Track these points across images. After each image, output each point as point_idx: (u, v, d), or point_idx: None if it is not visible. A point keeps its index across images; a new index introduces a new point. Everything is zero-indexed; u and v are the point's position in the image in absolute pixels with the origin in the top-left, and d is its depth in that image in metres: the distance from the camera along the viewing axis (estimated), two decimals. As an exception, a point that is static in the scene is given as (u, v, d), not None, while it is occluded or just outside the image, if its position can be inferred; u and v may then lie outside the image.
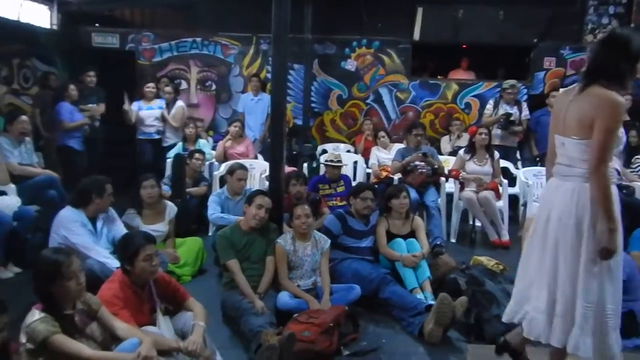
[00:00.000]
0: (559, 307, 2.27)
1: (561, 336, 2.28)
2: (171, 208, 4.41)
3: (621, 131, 2.27)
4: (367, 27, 8.09)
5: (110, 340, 2.48)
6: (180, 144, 6.34)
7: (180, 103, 6.90)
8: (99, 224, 3.82)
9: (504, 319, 2.53)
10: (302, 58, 8.06)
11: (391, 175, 5.84)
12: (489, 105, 6.65)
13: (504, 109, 6.49)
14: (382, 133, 6.89)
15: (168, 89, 6.90)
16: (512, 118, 6.37)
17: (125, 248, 2.76)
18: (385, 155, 6.47)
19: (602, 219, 2.18)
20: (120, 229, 3.89)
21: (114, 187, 3.88)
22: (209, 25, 8.05)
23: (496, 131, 6.33)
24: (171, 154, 6.04)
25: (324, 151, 7.18)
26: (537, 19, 7.43)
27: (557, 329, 2.28)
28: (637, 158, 5.85)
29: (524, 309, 2.43)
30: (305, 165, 6.60)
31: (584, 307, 2.22)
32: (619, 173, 5.71)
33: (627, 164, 6.04)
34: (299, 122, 8.23)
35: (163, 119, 6.67)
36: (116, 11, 8.37)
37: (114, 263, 3.38)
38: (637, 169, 5.77)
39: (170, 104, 6.79)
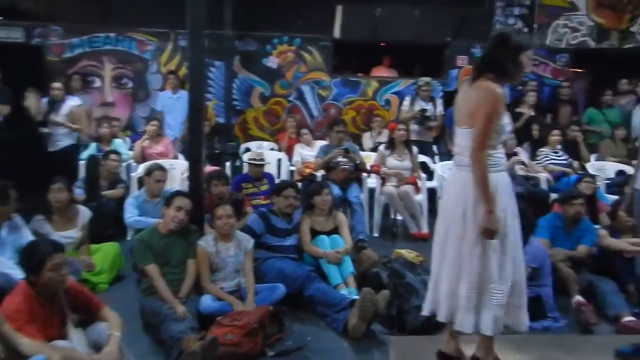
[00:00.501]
0: (444, 287, 2.46)
1: (447, 313, 2.46)
2: (84, 213, 4.17)
3: (506, 121, 2.44)
4: (288, 24, 8.04)
5: (16, 358, 2.29)
6: (94, 145, 6.01)
7: (72, 101, 6.22)
8: (3, 232, 3.55)
9: (424, 312, 2.61)
10: (222, 55, 7.90)
11: (314, 172, 5.85)
12: (406, 102, 6.83)
13: (420, 105, 6.67)
14: (304, 130, 6.89)
15: (57, 85, 6.17)
16: (427, 114, 6.55)
17: (30, 257, 2.57)
18: (308, 153, 6.47)
19: (482, 202, 2.33)
20: (27, 237, 3.62)
21: (21, 191, 3.60)
22: (123, 19, 7.70)
23: (413, 127, 6.48)
24: (85, 155, 5.71)
25: (247, 149, 7.08)
26: (450, 19, 7.70)
27: (444, 307, 2.46)
28: (542, 151, 6.22)
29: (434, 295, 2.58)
30: (228, 164, 6.47)
31: (468, 288, 2.39)
32: (525, 165, 6.07)
33: (532, 157, 6.43)
34: (221, 120, 8.06)
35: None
36: (20, 3, 7.80)
37: (19, 274, 3.13)
38: (542, 161, 6.13)
39: (57, 102, 6.09)
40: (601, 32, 8.21)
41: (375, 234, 5.64)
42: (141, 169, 5.49)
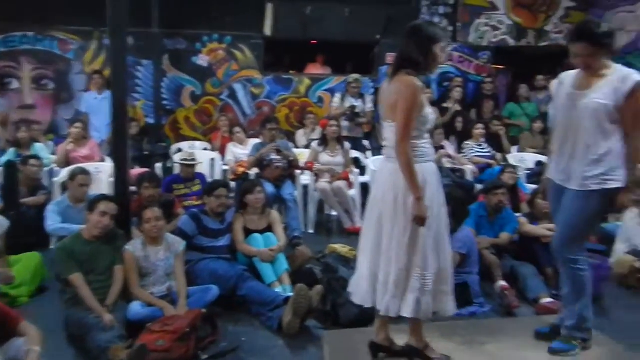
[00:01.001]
0: (381, 275, 2.49)
1: (382, 300, 2.50)
2: (0, 223, 3.91)
3: (430, 111, 2.50)
4: (218, 22, 7.91)
5: None
6: (12, 150, 5.66)
7: None
8: None
9: (360, 301, 2.64)
10: (150, 53, 7.65)
11: (248, 171, 5.79)
12: (336, 99, 6.89)
13: (349, 102, 6.74)
14: (237, 129, 6.80)
15: None
16: (357, 110, 6.62)
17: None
18: (241, 151, 6.39)
19: (410, 191, 2.40)
20: None
21: None
22: (42, 18, 7.28)
23: (344, 123, 6.54)
24: (2, 161, 5.36)
25: (179, 150, 6.90)
26: (379, 18, 7.80)
27: (380, 294, 2.50)
28: (467, 144, 6.45)
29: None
30: (158, 165, 6.28)
31: (396, 274, 2.44)
32: (451, 158, 6.27)
33: (458, 149, 6.66)
34: (151, 120, 7.82)
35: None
36: None
37: None
38: (467, 154, 6.35)
39: None
40: (519, 30, 8.61)
41: (311, 230, 5.65)
42: (64, 173, 5.22)
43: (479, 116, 7.58)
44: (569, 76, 2.80)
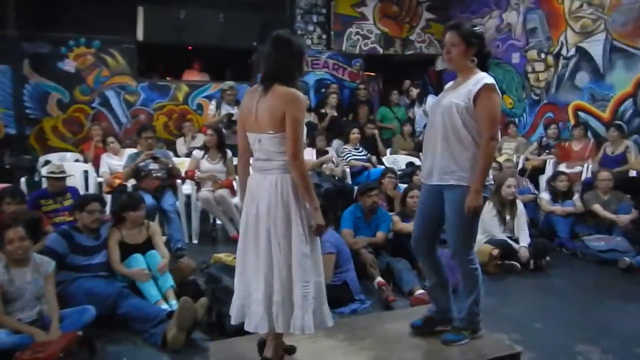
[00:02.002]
0: (278, 295, 2.38)
1: (285, 322, 2.39)
2: None
3: (306, 121, 2.53)
4: (85, 24, 7.43)
5: None
6: None
7: None
8: None
9: (233, 321, 2.56)
10: (7, 58, 6.99)
11: (125, 183, 5.52)
12: (212, 106, 6.85)
13: (225, 109, 6.72)
14: (111, 139, 6.45)
15: None
16: (233, 118, 6.57)
17: None
18: (117, 162, 6.07)
19: (307, 202, 2.37)
20: None
21: None
22: None
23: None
24: None
25: (47, 162, 6.37)
26: (254, 24, 7.87)
27: (280, 316, 2.38)
28: (344, 148, 6.71)
29: (246, 306, 2.50)
30: (23, 180, 5.76)
31: (302, 288, 2.37)
32: (334, 163, 6.48)
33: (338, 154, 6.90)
34: (12, 131, 7.16)
35: None
36: None
37: None
38: (345, 157, 6.61)
39: None
40: (387, 40, 9.16)
41: (195, 241, 5.54)
42: None
43: (355, 121, 7.94)
44: (449, 84, 2.93)
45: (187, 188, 5.75)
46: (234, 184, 5.70)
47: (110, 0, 7.41)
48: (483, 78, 2.66)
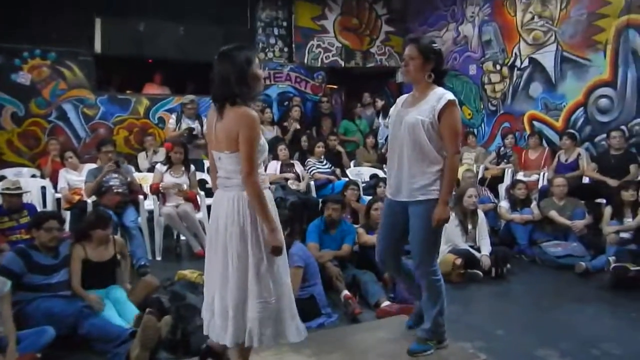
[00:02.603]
0: (231, 310, 2.37)
1: (234, 336, 2.37)
2: None
3: (264, 139, 2.44)
4: (40, 35, 7.25)
5: None
6: None
7: None
8: None
9: (205, 331, 2.55)
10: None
11: (85, 199, 5.39)
12: (172, 120, 6.77)
13: (186, 123, 6.66)
14: (69, 153, 6.25)
15: None
16: (194, 132, 6.54)
17: None
18: (75, 178, 5.91)
19: (264, 222, 2.35)
20: None
21: None
22: None
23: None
24: None
25: (2, 178, 6.15)
26: (215, 37, 7.86)
27: (230, 330, 2.37)
28: (309, 161, 6.72)
29: (211, 317, 2.49)
30: (-25, 197, 5.53)
31: (258, 305, 2.35)
32: (299, 178, 6.46)
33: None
34: (-38, 146, 6.90)
35: None
36: None
37: None
38: (310, 170, 6.62)
39: None
40: (348, 52, 9.27)
41: (158, 258, 5.45)
42: None
43: (319, 134, 7.97)
44: (402, 99, 3.03)
45: (149, 203, 5.66)
46: (198, 198, 5.66)
47: (66, 11, 7.25)
48: (444, 94, 2.75)
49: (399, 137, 2.82)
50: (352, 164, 7.57)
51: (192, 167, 5.80)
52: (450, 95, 2.74)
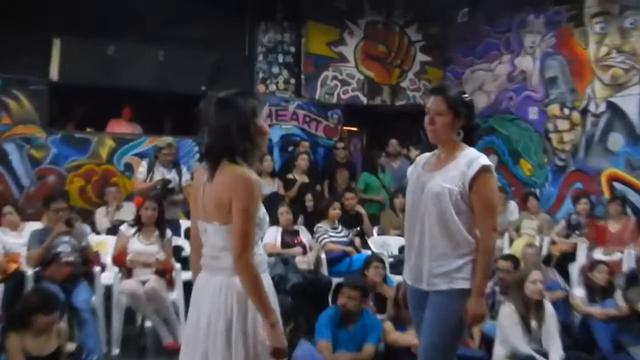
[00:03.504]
0: None
1: None
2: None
3: (264, 211, 2.46)
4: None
5: None
6: None
7: None
8: None
9: None
10: None
11: (25, 269, 5.30)
12: (142, 169, 6.71)
13: (160, 172, 6.62)
14: (7, 208, 6.18)
15: None
16: (170, 185, 6.51)
17: None
18: (13, 240, 5.84)
19: (261, 315, 2.34)
20: None
21: None
22: None
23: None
24: None
25: None
26: (203, 64, 7.97)
27: None
28: (319, 227, 6.62)
29: None
30: None
31: None
32: (305, 250, 6.32)
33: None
34: None
35: None
36: None
37: None
38: (321, 239, 6.50)
39: None
40: (372, 86, 9.40)
41: (116, 351, 5.31)
42: None
43: (332, 190, 7.91)
44: (423, 158, 3.09)
45: (107, 277, 5.57)
46: (173, 273, 5.56)
47: (17, 28, 7.38)
48: (477, 157, 2.83)
49: (420, 209, 2.88)
50: (375, 231, 7.49)
51: (169, 233, 5.73)
52: (484, 160, 2.82)
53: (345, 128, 9.40)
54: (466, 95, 2.95)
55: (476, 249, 2.81)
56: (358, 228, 7.06)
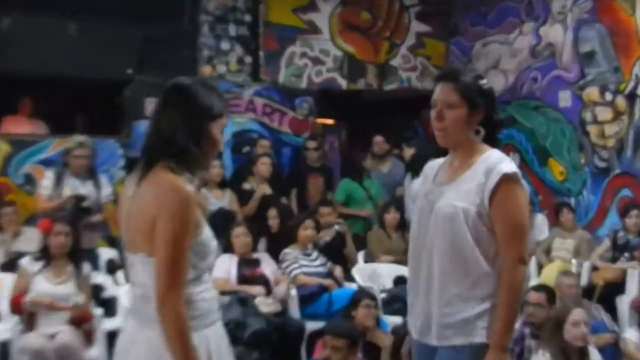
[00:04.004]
0: None
1: None
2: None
3: (208, 233, 2.45)
4: None
5: None
6: None
7: None
8: None
9: None
10: None
11: None
12: (47, 181, 6.65)
13: (71, 186, 6.56)
14: None
15: None
16: (85, 203, 6.47)
17: None
18: None
19: None
20: None
21: None
22: None
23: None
24: None
25: None
26: (130, 40, 7.91)
27: None
28: (287, 253, 6.58)
29: None
30: None
31: None
32: (269, 288, 6.26)
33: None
34: None
35: None
36: None
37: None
38: (291, 271, 6.45)
39: None
40: (354, 66, 9.39)
41: None
42: None
43: (303, 204, 7.85)
44: (435, 166, 3.03)
45: (3, 330, 5.54)
46: (93, 322, 5.47)
47: None
48: (498, 163, 2.76)
49: (427, 237, 2.85)
50: (361, 257, 7.48)
51: (86, 267, 5.66)
52: (507, 166, 2.76)
53: (318, 121, 9.38)
54: (484, 82, 2.90)
55: (496, 285, 2.76)
56: (338, 253, 7.05)
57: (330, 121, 9.95)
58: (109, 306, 6.11)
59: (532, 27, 8.76)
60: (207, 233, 2.43)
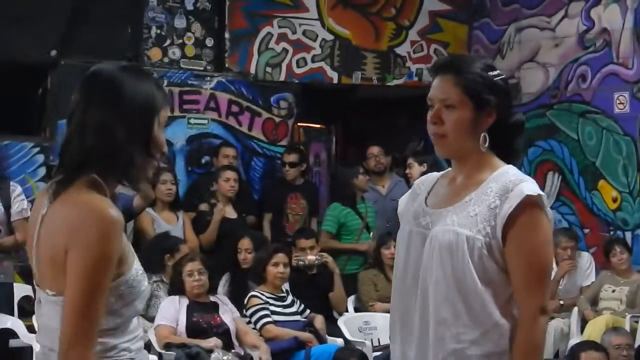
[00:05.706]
0: None
1: None
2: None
3: (140, 270, 2.46)
4: None
5: None
6: None
7: None
8: None
9: None
10: None
11: None
12: None
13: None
14: None
15: None
16: None
17: None
18: None
19: None
20: None
21: None
22: None
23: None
24: None
25: None
26: (54, 14, 7.91)
27: None
28: (255, 295, 6.61)
29: None
30: None
31: None
32: (230, 339, 6.33)
33: (239, 306, 6.78)
34: None
35: None
36: None
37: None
38: (258, 320, 6.49)
39: None
40: (348, 55, 9.44)
41: None
42: None
43: (278, 232, 7.89)
44: (427, 182, 3.02)
45: None
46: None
47: None
48: (518, 182, 2.71)
49: (418, 273, 2.82)
50: (350, 302, 7.55)
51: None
52: (528, 187, 2.69)
53: (300, 124, 9.41)
54: (496, 73, 2.86)
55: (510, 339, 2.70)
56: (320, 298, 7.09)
57: (316, 125, 10.01)
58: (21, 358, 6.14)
59: (581, 7, 8.79)
60: (136, 270, 2.43)
